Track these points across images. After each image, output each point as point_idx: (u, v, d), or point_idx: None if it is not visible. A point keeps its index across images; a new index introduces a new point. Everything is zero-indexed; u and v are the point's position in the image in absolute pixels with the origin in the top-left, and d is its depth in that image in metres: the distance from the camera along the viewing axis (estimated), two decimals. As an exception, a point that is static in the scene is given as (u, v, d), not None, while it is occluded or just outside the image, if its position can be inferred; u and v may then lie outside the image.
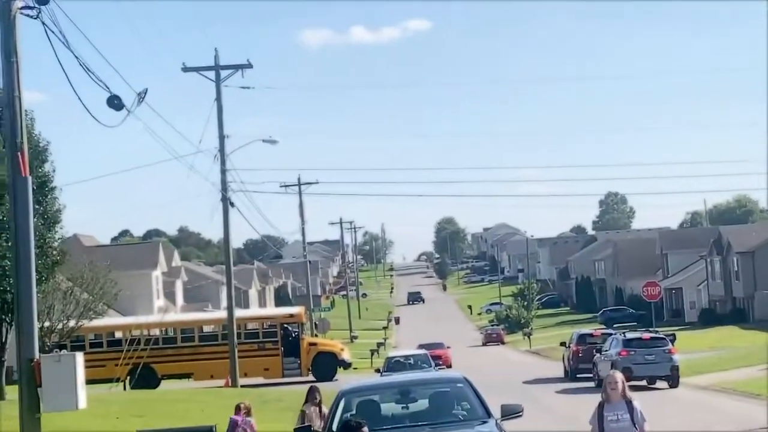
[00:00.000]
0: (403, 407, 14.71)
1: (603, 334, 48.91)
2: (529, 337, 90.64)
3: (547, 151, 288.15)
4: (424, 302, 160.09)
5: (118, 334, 52.94)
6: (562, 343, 54.22)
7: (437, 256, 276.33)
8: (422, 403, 14.74)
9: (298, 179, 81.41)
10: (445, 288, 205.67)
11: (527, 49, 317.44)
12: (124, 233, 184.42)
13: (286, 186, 79.04)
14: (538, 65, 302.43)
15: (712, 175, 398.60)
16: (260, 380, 51.57)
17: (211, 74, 46.10)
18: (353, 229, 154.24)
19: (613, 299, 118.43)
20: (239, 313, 51.73)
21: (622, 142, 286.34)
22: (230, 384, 45.78)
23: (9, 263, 31.97)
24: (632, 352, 39.52)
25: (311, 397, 19.43)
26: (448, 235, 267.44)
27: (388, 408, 14.73)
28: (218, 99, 46.03)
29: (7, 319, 38.25)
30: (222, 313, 57.99)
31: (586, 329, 57.90)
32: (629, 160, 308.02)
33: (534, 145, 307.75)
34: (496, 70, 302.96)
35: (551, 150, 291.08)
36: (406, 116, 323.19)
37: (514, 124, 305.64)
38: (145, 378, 49.53)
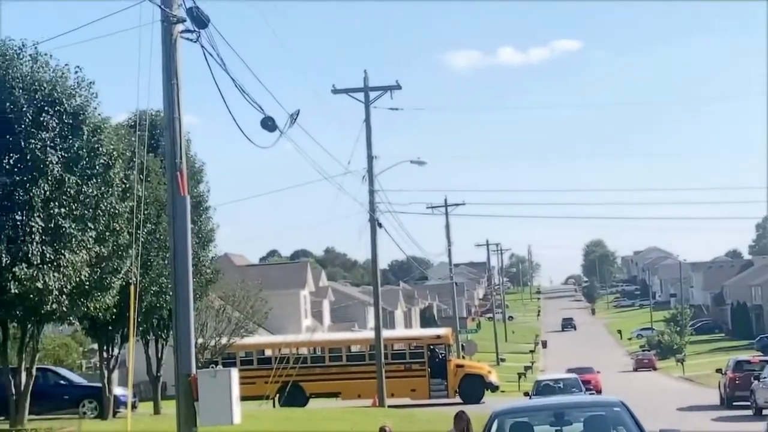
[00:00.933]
0: (557, 430, 14.49)
1: (761, 361, 47.52)
2: (682, 364, 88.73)
3: (702, 172, 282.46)
4: (575, 329, 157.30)
5: (268, 352, 53.68)
6: (718, 370, 52.90)
7: (585, 279, 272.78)
8: (577, 427, 14.49)
9: (445, 200, 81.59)
10: (593, 312, 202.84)
11: (676, 69, 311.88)
12: (273, 253, 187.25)
13: (432, 207, 79.32)
14: (684, 86, 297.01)
15: None
16: (407, 401, 51.62)
17: (361, 96, 46.59)
18: (499, 251, 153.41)
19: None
20: (386, 333, 51.92)
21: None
22: (377, 404, 45.95)
23: (166, 281, 32.83)
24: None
25: (459, 422, 18.98)
26: (597, 258, 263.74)
27: (542, 431, 14.54)
28: (367, 120, 46.44)
29: (163, 336, 39.23)
30: (369, 334, 58.34)
31: (743, 356, 56.32)
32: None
33: (687, 166, 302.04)
34: (644, 91, 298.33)
35: (705, 171, 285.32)
36: (553, 137, 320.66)
37: (664, 145, 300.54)
38: (293, 396, 50.06)
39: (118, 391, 37.17)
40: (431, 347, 53.51)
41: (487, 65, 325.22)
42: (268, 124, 19.35)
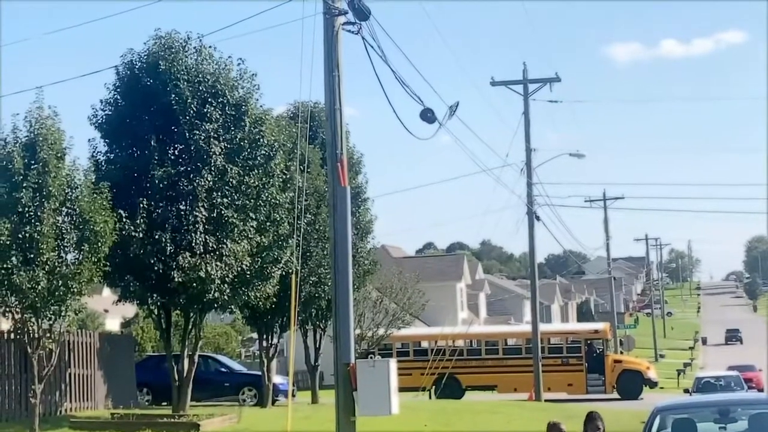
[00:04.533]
0: (721, 428, 14.13)
1: None
2: None
3: None
4: (742, 343, 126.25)
5: (424, 344, 53.83)
6: None
7: (747, 275, 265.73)
8: (741, 425, 14.09)
9: (603, 194, 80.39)
10: (755, 309, 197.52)
11: None
12: (429, 246, 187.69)
13: (591, 201, 78.28)
14: None
15: None
16: (563, 395, 51.11)
17: (519, 88, 46.27)
18: (659, 246, 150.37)
19: None
20: (543, 327, 51.47)
21: None
22: (534, 398, 45.61)
23: (325, 271, 33.19)
24: None
25: (592, 426, 14.65)
26: (759, 254, 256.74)
27: (705, 428, 14.17)
28: (526, 112, 46.09)
29: (322, 326, 39.67)
30: (526, 327, 57.93)
31: None
32: None
33: None
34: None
35: None
36: (717, 130, 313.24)
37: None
38: (449, 388, 50.05)
39: (277, 379, 37.76)
40: (588, 342, 52.87)
41: (649, 57, 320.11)
42: (428, 115, 19.31)
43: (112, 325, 79.31)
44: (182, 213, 27.12)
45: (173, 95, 27.39)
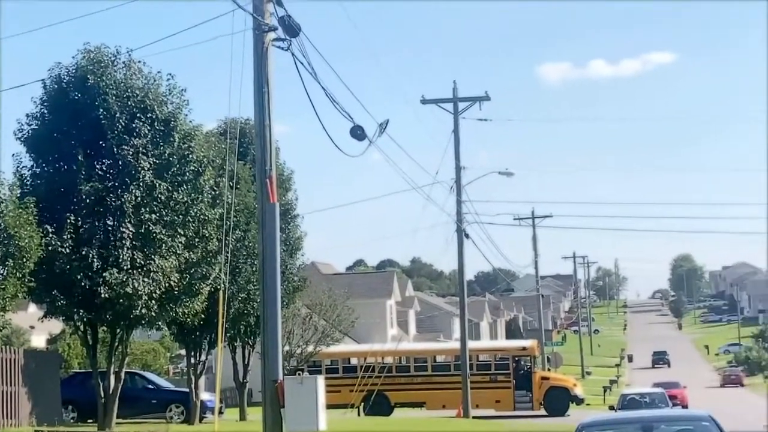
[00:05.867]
0: (644, 443, 14.25)
1: None
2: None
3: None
4: (670, 366, 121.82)
5: (354, 361, 53.78)
6: (808, 388, 51.85)
7: (673, 293, 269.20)
8: None
9: (532, 212, 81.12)
10: (680, 327, 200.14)
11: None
12: (359, 263, 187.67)
13: (519, 219, 78.93)
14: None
15: None
16: (491, 412, 51.35)
17: (450, 106, 46.54)
18: (586, 264, 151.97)
19: None
20: (471, 344, 51.71)
21: None
22: (462, 414, 45.78)
23: (254, 287, 33.09)
24: None
25: None
26: (684, 273, 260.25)
27: None
28: (456, 131, 46.38)
29: (250, 342, 39.52)
30: (455, 344, 58.18)
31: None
32: None
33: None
34: (737, 103, 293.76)
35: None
36: (645, 150, 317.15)
37: (755, 158, 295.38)
38: (378, 405, 50.06)
39: (204, 396, 37.50)
40: (516, 359, 53.20)
41: (579, 77, 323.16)
42: (358, 133, 19.40)
43: (38, 341, 78.24)
44: (110, 228, 26.91)
45: (101, 110, 27.18)
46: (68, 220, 26.67)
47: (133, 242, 27.02)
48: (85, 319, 28.56)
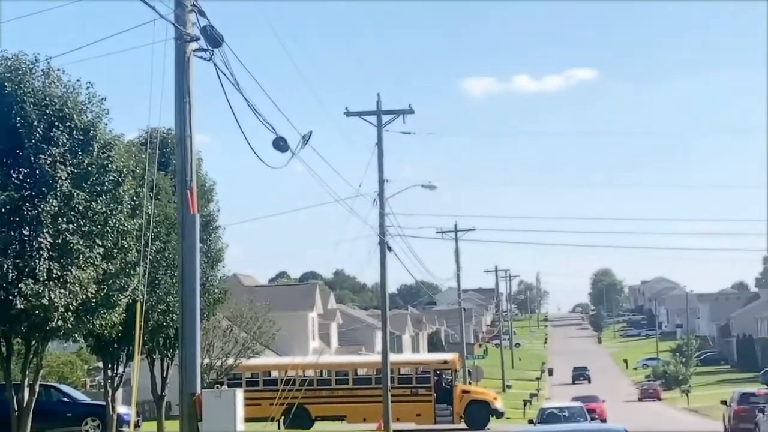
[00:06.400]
0: (562, 458, 14.32)
1: (766, 394, 47.21)
2: (687, 395, 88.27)
3: (710, 204, 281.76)
4: (590, 382, 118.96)
5: (275, 374, 53.53)
6: (723, 402, 52.58)
7: (593, 308, 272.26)
8: None
9: (455, 226, 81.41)
10: (600, 341, 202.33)
11: (687, 101, 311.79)
12: (282, 274, 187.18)
13: (442, 232, 79.17)
14: (695, 117, 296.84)
15: None
16: (412, 425, 51.38)
17: (373, 119, 46.50)
18: (508, 278, 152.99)
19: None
20: (393, 357, 51.72)
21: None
22: (382, 428, 45.73)
23: (173, 299, 32.72)
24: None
25: None
26: (604, 287, 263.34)
27: None
28: (379, 144, 46.35)
29: (169, 355, 39.07)
30: (376, 357, 58.13)
31: (749, 388, 55.96)
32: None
33: (696, 197, 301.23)
34: (656, 121, 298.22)
35: (714, 203, 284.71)
36: (566, 165, 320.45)
37: (674, 175, 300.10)
38: (299, 418, 49.89)
39: (121, 409, 37.02)
40: (438, 372, 53.32)
41: (502, 92, 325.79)
42: (280, 144, 19.29)
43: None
44: (25, 239, 26.40)
45: (18, 118, 26.68)
46: (-18, 230, 26.11)
47: (50, 253, 26.53)
48: (-2, 331, 27.99)
